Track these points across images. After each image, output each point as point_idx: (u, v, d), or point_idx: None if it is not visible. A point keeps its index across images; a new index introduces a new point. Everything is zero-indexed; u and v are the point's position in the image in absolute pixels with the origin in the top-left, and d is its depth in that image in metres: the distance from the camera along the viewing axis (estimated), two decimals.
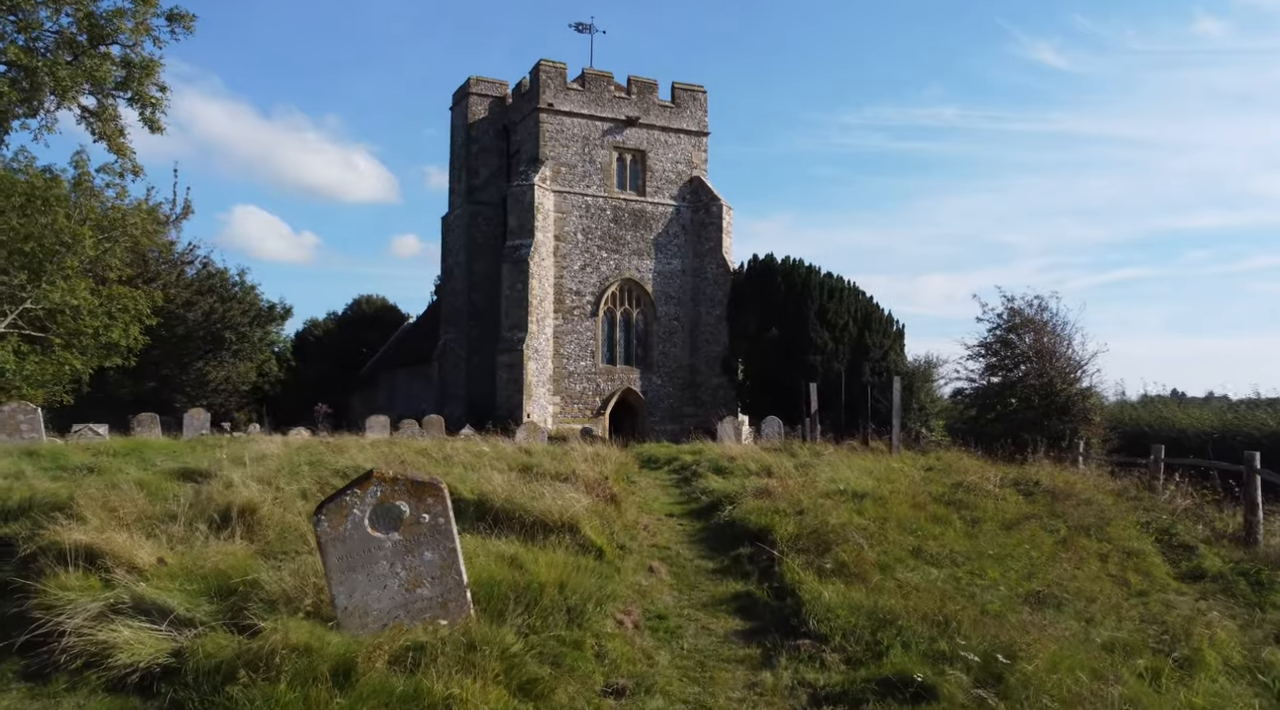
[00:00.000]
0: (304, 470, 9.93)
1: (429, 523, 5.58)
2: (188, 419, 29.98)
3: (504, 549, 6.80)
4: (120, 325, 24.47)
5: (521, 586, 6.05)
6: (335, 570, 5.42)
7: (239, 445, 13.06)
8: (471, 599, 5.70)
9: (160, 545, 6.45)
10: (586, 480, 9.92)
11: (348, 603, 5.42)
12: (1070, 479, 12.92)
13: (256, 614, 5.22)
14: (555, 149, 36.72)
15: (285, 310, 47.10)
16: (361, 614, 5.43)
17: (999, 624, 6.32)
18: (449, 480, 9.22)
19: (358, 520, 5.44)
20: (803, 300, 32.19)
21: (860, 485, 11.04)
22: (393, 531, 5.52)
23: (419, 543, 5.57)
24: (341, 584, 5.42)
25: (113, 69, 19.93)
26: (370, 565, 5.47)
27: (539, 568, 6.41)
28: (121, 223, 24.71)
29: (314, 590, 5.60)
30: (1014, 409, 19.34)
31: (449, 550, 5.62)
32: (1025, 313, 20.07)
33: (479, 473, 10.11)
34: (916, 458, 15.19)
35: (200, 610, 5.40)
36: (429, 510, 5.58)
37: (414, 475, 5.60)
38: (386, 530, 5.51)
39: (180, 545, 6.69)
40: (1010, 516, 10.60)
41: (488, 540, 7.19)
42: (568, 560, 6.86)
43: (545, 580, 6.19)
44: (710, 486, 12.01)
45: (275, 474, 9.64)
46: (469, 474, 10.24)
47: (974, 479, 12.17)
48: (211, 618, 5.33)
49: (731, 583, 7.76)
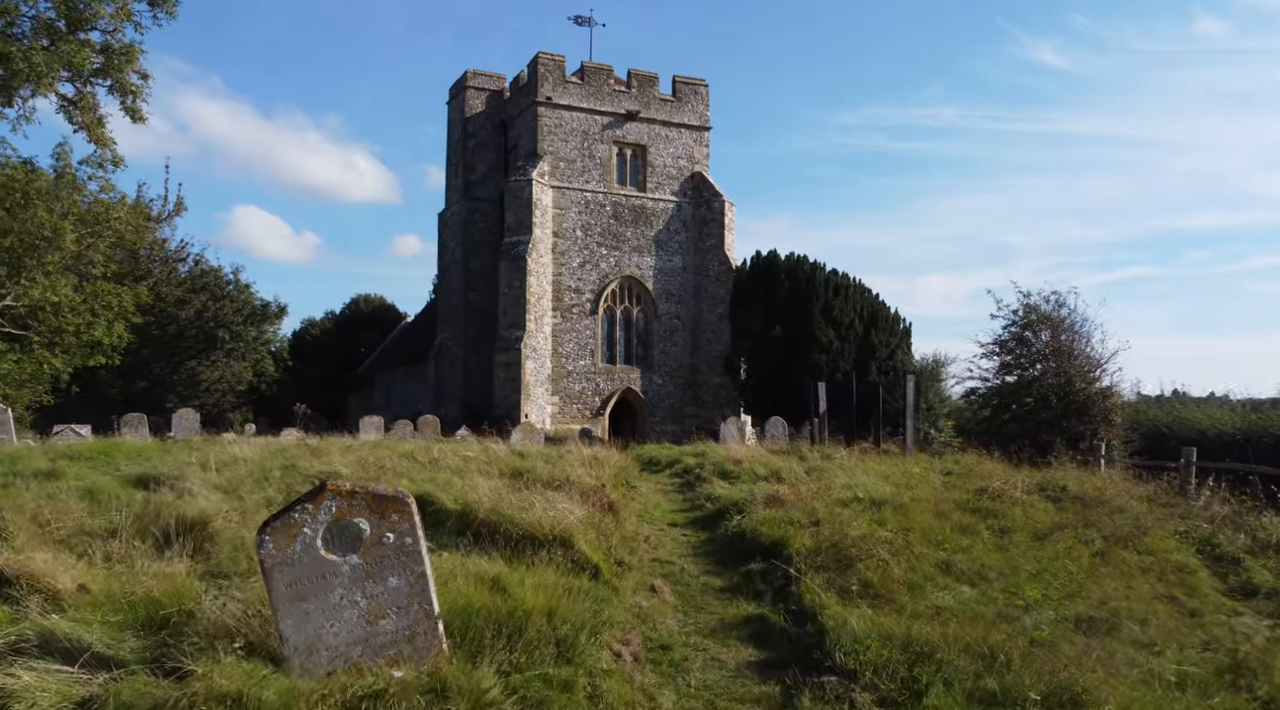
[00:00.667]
0: (275, 476, 9.13)
1: (394, 543, 4.77)
2: (176, 420, 29.22)
3: (486, 569, 5.98)
4: (104, 323, 23.66)
5: (504, 614, 5.24)
6: (282, 599, 4.61)
7: (217, 447, 12.26)
8: (444, 632, 4.90)
9: (91, 566, 5.64)
10: (582, 487, 9.11)
11: (297, 638, 4.61)
12: (1101, 485, 12.10)
13: (188, 651, 4.42)
14: (554, 144, 35.91)
15: (280, 309, 46.22)
16: (312, 651, 4.63)
17: (1052, 656, 5.51)
18: (431, 487, 8.43)
19: (309, 541, 4.63)
20: (807, 298, 31.36)
21: (878, 492, 10.22)
22: (351, 553, 4.71)
23: (382, 566, 4.76)
24: (290, 616, 4.61)
25: (91, 55, 19.11)
26: (324, 593, 4.66)
27: (525, 591, 5.60)
28: (105, 217, 23.86)
29: (260, 621, 4.80)
30: (1030, 409, 18.51)
31: (417, 575, 4.81)
32: (1042, 309, 19.24)
33: (465, 479, 9.31)
34: (933, 461, 14.38)
35: (124, 647, 4.59)
36: (394, 528, 4.77)
37: (376, 488, 4.78)
38: (343, 552, 4.70)
39: (119, 565, 5.88)
40: (1041, 526, 9.79)
41: (469, 558, 6.38)
42: (558, 581, 6.04)
43: (532, 606, 5.38)
44: (716, 492, 11.21)
45: (242, 481, 8.85)
46: (455, 480, 9.44)
47: (998, 485, 11.35)
48: (136, 656, 4.52)
49: (743, 604, 6.95)
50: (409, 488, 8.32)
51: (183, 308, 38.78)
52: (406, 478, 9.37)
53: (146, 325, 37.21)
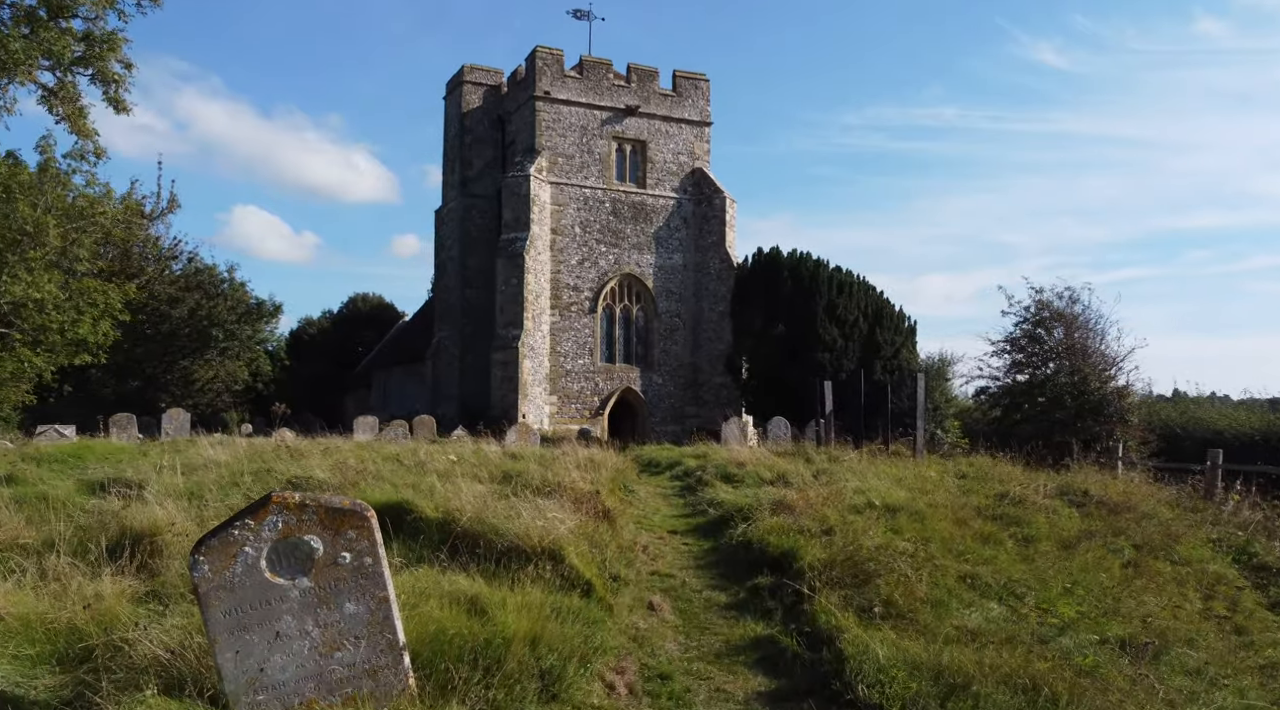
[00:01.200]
0: (245, 481, 8.49)
1: (351, 564, 4.14)
2: (167, 420, 28.62)
3: (463, 587, 5.35)
4: (89, 321, 23.02)
5: (482, 642, 4.60)
6: (221, 629, 3.98)
7: (194, 449, 11.62)
8: (411, 664, 4.27)
9: (19, 586, 5.01)
10: (576, 493, 8.47)
11: (238, 674, 3.98)
12: (1124, 489, 11.46)
13: (108, 691, 3.79)
14: (552, 139, 35.27)
15: (275, 307, 45.57)
16: (256, 689, 3.99)
17: (1102, 690, 4.88)
18: (411, 494, 7.79)
19: (251, 561, 4.00)
20: (810, 295, 30.65)
21: (892, 497, 9.59)
22: (300, 576, 4.08)
23: (337, 591, 4.12)
24: (230, 648, 3.98)
25: (72, 43, 18.47)
26: (269, 622, 4.03)
27: (507, 614, 4.97)
28: (90, 212, 23.22)
29: (198, 654, 4.17)
30: (1043, 409, 17.85)
31: (378, 600, 4.18)
32: (1055, 305, 18.56)
33: (450, 484, 8.66)
34: (945, 464, 13.73)
35: (37, 685, 3.97)
36: (351, 546, 4.13)
37: (331, 500, 4.15)
38: (292, 574, 4.07)
39: (54, 584, 5.24)
40: (1067, 534, 9.16)
41: (446, 574, 5.75)
42: (546, 600, 5.41)
43: (514, 632, 4.75)
44: (719, 497, 10.57)
45: (210, 486, 8.22)
46: (439, 486, 8.79)
47: (1018, 489, 10.72)
48: (50, 696, 3.90)
49: (750, 623, 6.31)
50: (387, 495, 7.71)
51: (176, 306, 38.13)
52: (388, 482, 8.74)
53: (139, 324, 36.60)
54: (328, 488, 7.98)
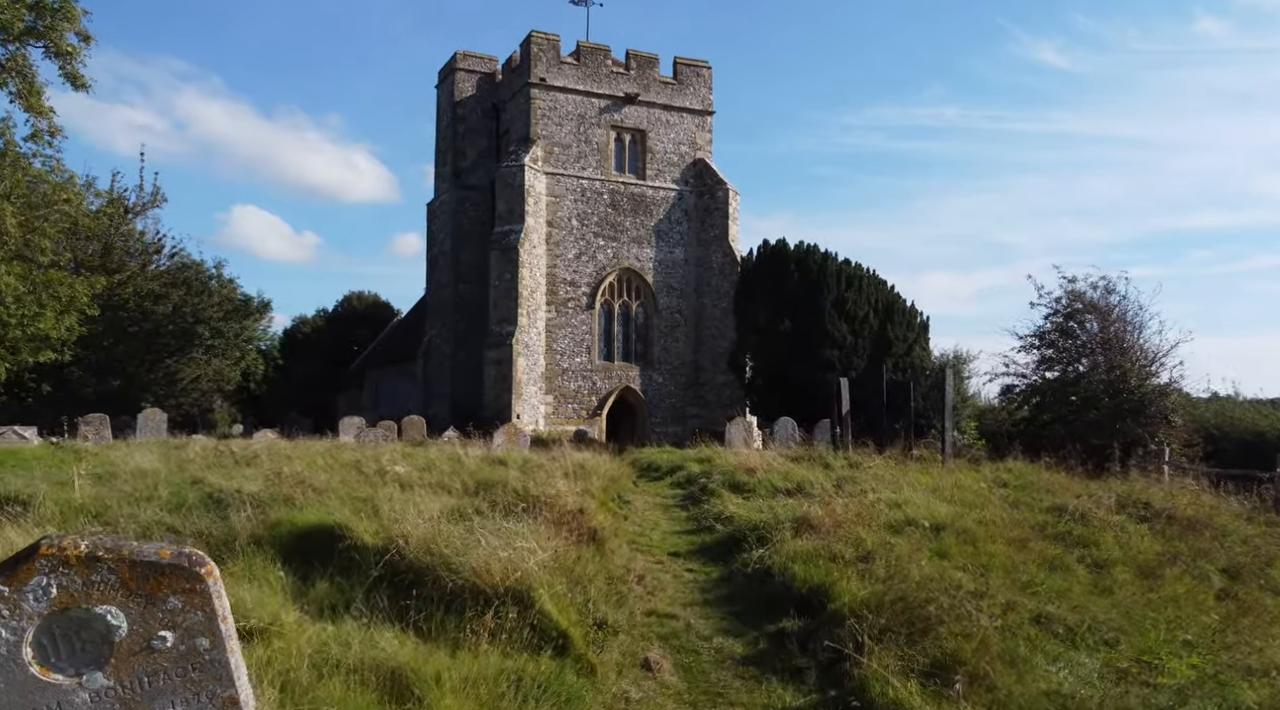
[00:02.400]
0: (160, 495, 7.03)
1: (175, 648, 2.67)
2: (142, 421, 27.14)
3: (387, 653, 3.87)
4: (51, 315, 21.55)
5: None
6: None
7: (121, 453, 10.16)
8: None
9: None
10: (558, 509, 6.99)
11: None
12: (1195, 501, 9.99)
13: None
14: (548, 128, 33.77)
15: (263, 304, 44.11)
16: None
17: None
18: (350, 515, 6.30)
19: (10, 648, 2.54)
20: (818, 290, 29.15)
21: (934, 513, 8.13)
22: (92, 670, 2.61)
23: (154, 691, 2.66)
24: None
25: (23, 12, 17.03)
26: None
27: (443, 696, 3.50)
28: (53, 198, 21.77)
29: None
30: (1076, 409, 16.37)
31: (221, 703, 2.71)
32: (1089, 296, 17.07)
33: (411, 496, 7.19)
34: (979, 470, 12.26)
35: None
36: (175, 622, 2.66)
37: (140, 550, 2.67)
38: (78, 667, 2.61)
39: None
40: (1144, 558, 7.69)
41: (371, 629, 4.27)
42: (503, 668, 3.95)
43: None
44: (727, 511, 9.11)
45: (119, 501, 6.75)
46: (400, 496, 7.34)
47: (1073, 502, 9.26)
48: None
49: (776, 688, 4.84)
50: (319, 516, 6.23)
51: (160, 302, 36.61)
52: (334, 495, 7.28)
53: (120, 320, 35.22)
54: (258, 503, 6.54)
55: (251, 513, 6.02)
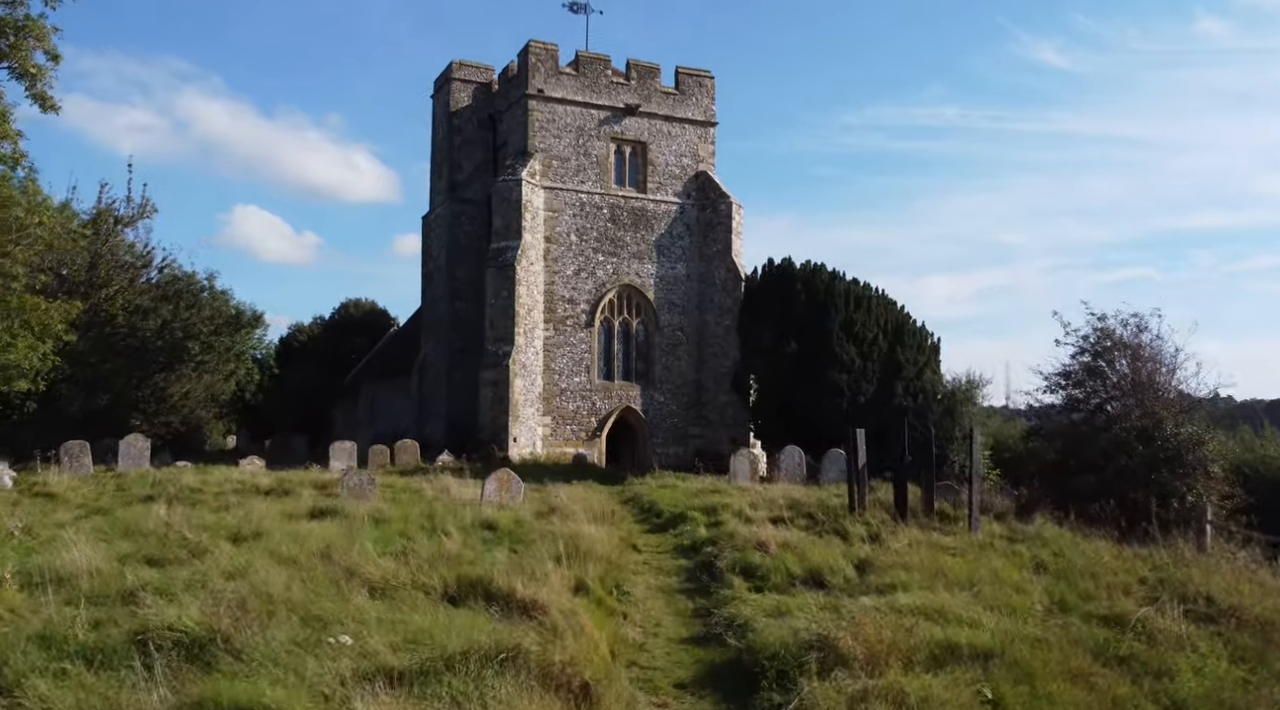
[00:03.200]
0: (74, 635, 5.98)
1: None
2: (124, 448, 26.18)
3: None
4: (22, 345, 20.58)
5: None
6: None
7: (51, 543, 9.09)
8: None
9: None
10: (544, 666, 5.92)
11: None
12: (1268, 589, 8.96)
13: None
14: (546, 140, 32.77)
15: (255, 316, 43.20)
16: None
17: None
18: (305, 673, 5.25)
19: None
20: (826, 311, 28.14)
21: (977, 630, 7.12)
22: None
23: None
24: None
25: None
26: None
27: None
28: (26, 222, 20.78)
29: None
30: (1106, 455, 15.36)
31: None
32: (1118, 334, 16.07)
33: (380, 609, 6.15)
34: (1012, 544, 11.22)
35: None
36: None
37: None
38: None
39: None
40: (1224, 689, 6.68)
41: None
42: None
43: None
44: (742, 615, 8.14)
45: (22, 647, 5.72)
46: (371, 613, 6.31)
47: (1129, 607, 8.26)
48: None
49: None
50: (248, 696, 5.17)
51: (148, 318, 35.59)
52: (284, 624, 6.23)
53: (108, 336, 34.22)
54: (188, 650, 5.52)
55: (169, 680, 4.98)
